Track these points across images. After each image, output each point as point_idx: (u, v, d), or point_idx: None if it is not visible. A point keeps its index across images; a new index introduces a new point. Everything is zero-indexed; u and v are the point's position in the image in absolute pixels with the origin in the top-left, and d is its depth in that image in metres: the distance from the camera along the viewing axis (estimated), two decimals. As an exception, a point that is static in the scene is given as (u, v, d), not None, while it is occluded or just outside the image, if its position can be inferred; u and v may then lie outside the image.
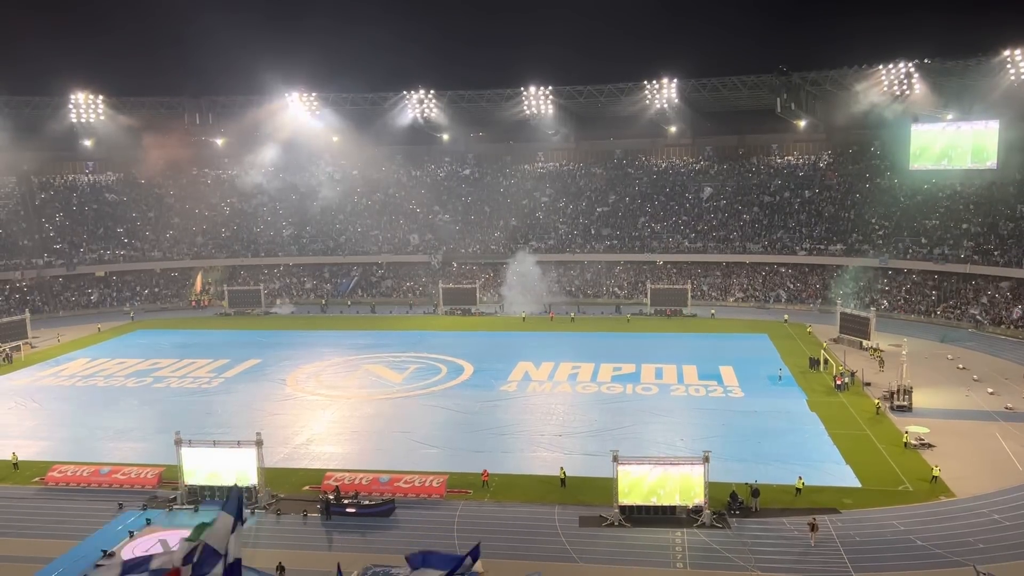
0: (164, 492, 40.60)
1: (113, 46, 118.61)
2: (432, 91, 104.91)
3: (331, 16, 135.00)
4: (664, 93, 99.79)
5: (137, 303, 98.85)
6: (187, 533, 15.20)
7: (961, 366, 62.87)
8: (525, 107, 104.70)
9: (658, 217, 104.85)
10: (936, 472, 40.35)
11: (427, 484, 40.06)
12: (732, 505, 37.17)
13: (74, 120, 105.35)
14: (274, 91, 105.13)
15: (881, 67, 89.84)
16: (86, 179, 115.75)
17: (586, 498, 38.83)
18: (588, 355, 68.94)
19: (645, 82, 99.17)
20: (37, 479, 42.98)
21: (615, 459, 36.67)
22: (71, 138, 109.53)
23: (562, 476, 40.68)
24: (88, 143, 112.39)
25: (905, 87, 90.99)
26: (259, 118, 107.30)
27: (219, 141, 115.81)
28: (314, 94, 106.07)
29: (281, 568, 31.22)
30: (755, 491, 37.68)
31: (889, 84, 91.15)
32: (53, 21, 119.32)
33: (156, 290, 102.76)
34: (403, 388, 61.10)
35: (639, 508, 36.79)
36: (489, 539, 35.06)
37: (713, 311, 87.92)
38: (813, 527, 33.50)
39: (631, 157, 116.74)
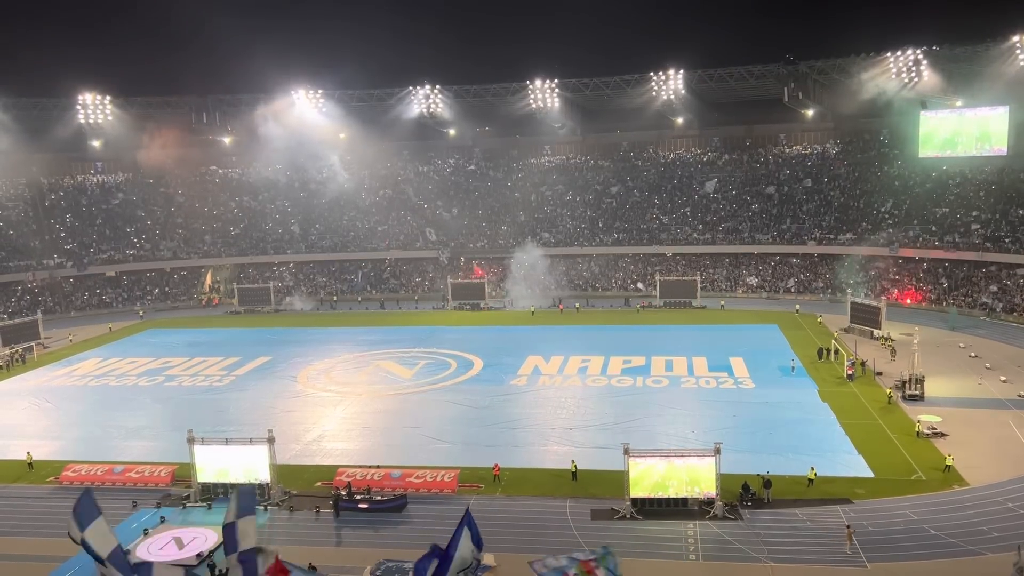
0: (178, 490, 40.82)
1: (119, 47, 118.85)
2: (437, 86, 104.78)
3: (335, 12, 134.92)
4: (670, 84, 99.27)
5: (148, 302, 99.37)
6: (201, 531, 15.12)
7: (973, 354, 62.53)
8: (531, 101, 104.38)
9: (666, 209, 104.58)
10: (949, 461, 40.16)
11: (439, 479, 40.15)
12: (744, 496, 37.12)
13: (82, 121, 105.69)
14: (280, 89, 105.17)
15: (889, 54, 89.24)
16: (95, 180, 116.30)
17: (598, 491, 38.85)
18: (598, 348, 68.87)
19: (651, 73, 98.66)
20: (52, 478, 43.29)
21: (626, 452, 36.65)
22: (79, 139, 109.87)
23: (573, 469, 40.70)
24: (96, 144, 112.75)
25: (913, 74, 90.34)
26: (265, 116, 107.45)
27: (226, 139, 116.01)
28: (320, 91, 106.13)
29: (312, 567, 31.11)
30: (767, 482, 37.61)
31: (897, 71, 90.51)
32: (59, 23, 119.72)
33: (166, 289, 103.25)
34: (413, 384, 61.21)
35: (651, 500, 36.77)
36: (501, 533, 35.15)
37: (723, 302, 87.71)
38: (850, 536, 32.44)
39: (638, 149, 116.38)
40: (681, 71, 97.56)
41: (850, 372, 57.33)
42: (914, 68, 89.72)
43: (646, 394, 55.66)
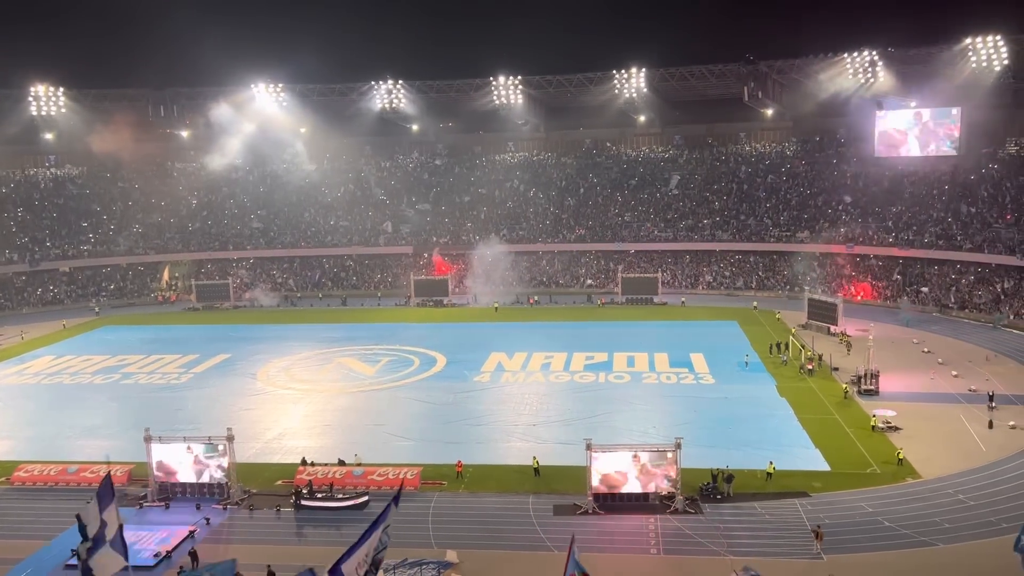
0: (134, 490, 40.10)
1: (72, 37, 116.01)
2: (400, 81, 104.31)
3: (297, 5, 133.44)
4: (632, 82, 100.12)
5: (103, 298, 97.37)
6: (158, 530, 15.14)
7: (926, 350, 64.00)
8: (494, 97, 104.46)
9: (628, 206, 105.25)
10: (902, 454, 41.11)
11: (401, 476, 39.97)
12: (706, 488, 37.53)
13: (34, 113, 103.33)
14: (240, 82, 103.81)
15: (846, 55, 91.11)
16: (48, 173, 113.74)
17: (560, 487, 39.01)
18: (561, 345, 69.13)
19: (613, 72, 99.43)
20: (3, 479, 42.23)
21: (588, 447, 36.86)
22: (31, 131, 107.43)
23: (536, 465, 40.82)
24: (49, 136, 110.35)
25: (869, 75, 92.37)
26: (225, 110, 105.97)
27: (184, 133, 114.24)
28: (280, 85, 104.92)
29: (271, 574, 30.68)
30: (729, 476, 38.11)
31: (854, 72, 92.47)
32: (8, 11, 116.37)
33: (122, 285, 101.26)
34: (376, 381, 60.87)
35: (613, 495, 37.04)
36: (464, 530, 35.17)
37: (683, 299, 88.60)
38: (818, 535, 32.51)
39: (601, 146, 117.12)
40: (643, 69, 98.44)
41: (810, 367, 58.39)
42: (870, 69, 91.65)
43: (608, 390, 56.03)
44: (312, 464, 41.90)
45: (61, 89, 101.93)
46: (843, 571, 30.50)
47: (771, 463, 39.92)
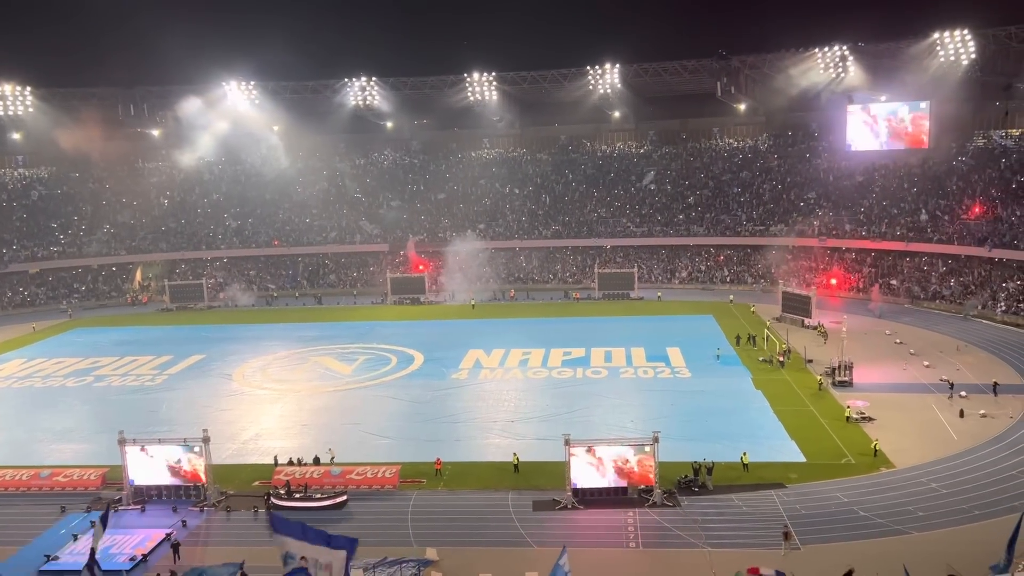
0: (109, 493, 39.62)
1: (38, 35, 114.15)
2: (374, 78, 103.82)
3: (268, 2, 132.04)
4: (607, 78, 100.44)
5: (75, 300, 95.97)
6: (134, 533, 15.02)
7: (898, 341, 64.83)
8: (469, 93, 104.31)
9: (604, 202, 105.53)
10: (876, 445, 41.61)
11: (380, 475, 39.84)
12: (685, 481, 37.80)
13: (1, 113, 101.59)
14: (211, 80, 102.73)
15: (817, 50, 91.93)
16: (16, 174, 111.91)
17: (539, 482, 39.08)
18: (538, 341, 69.22)
19: (588, 67, 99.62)
20: (-27, 485, 41.55)
21: (567, 443, 36.97)
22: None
23: (515, 462, 40.86)
24: (17, 136, 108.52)
25: (840, 69, 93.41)
26: (197, 108, 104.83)
27: (155, 132, 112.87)
28: (252, 83, 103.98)
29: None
30: (708, 468, 38.42)
31: (825, 67, 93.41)
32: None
33: (94, 287, 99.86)
34: (353, 379, 60.59)
35: (591, 490, 37.17)
36: (444, 527, 35.14)
37: (659, 293, 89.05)
38: (787, 536, 32.47)
39: (576, 143, 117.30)
40: (617, 65, 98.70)
41: (781, 359, 58.95)
42: (841, 63, 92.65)
43: (586, 385, 56.20)
44: (289, 463, 41.66)
45: (28, 88, 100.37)
46: (819, 560, 30.84)
47: (744, 453, 40.28)
